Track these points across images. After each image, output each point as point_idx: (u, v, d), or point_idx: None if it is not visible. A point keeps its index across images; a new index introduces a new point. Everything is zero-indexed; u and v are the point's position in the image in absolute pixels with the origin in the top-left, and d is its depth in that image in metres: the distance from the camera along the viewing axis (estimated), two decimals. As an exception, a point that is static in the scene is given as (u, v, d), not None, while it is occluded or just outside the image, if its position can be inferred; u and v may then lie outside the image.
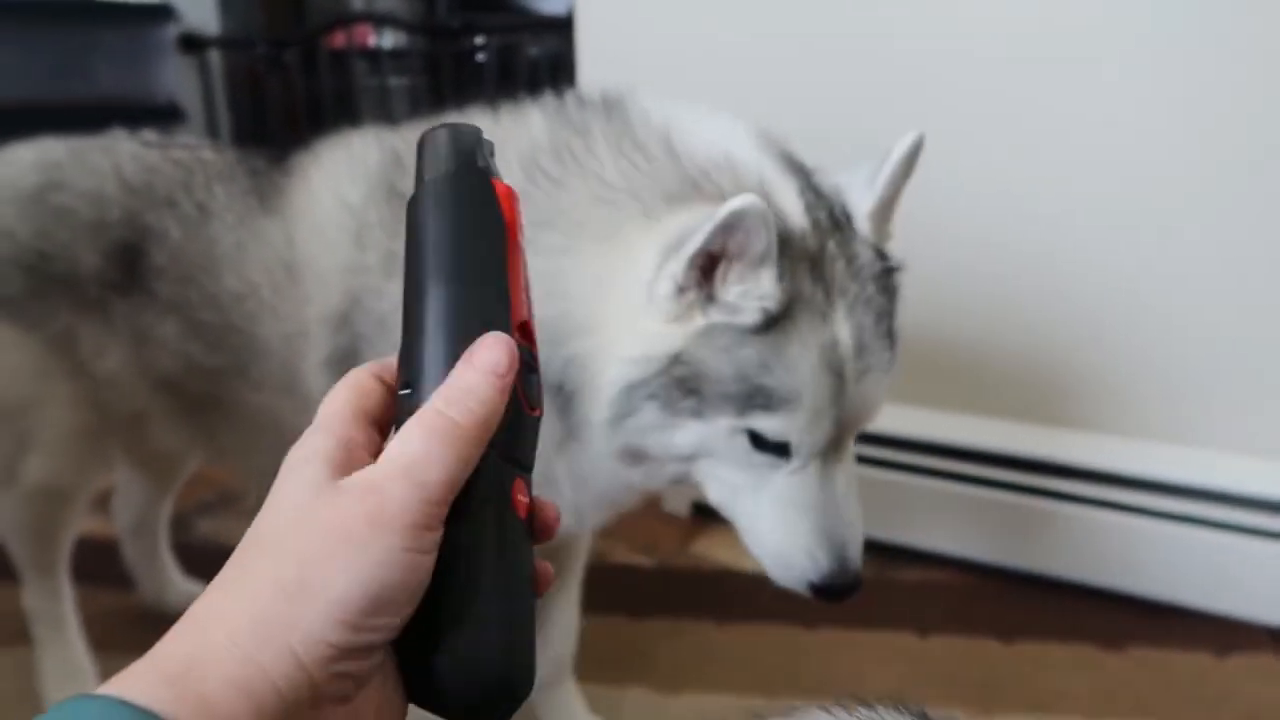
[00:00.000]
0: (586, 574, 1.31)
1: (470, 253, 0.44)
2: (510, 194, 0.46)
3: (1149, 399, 1.58)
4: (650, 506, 1.96)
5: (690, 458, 0.88)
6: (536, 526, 0.46)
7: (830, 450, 0.87)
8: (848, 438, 0.89)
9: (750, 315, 0.82)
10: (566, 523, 1.00)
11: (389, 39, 2.88)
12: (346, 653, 0.37)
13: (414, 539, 0.38)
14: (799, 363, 0.82)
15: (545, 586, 0.47)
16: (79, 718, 0.33)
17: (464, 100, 1.08)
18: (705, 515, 1.90)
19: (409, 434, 0.40)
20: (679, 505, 1.93)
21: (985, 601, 1.64)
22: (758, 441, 0.85)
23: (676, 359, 0.83)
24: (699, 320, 0.83)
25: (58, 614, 1.38)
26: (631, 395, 0.85)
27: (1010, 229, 1.61)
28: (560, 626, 1.28)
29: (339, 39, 2.94)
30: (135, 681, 0.35)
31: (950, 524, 1.73)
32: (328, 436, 0.41)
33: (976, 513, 1.70)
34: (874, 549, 1.76)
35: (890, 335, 0.89)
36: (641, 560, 1.80)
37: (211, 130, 2.85)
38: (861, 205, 0.90)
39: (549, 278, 0.88)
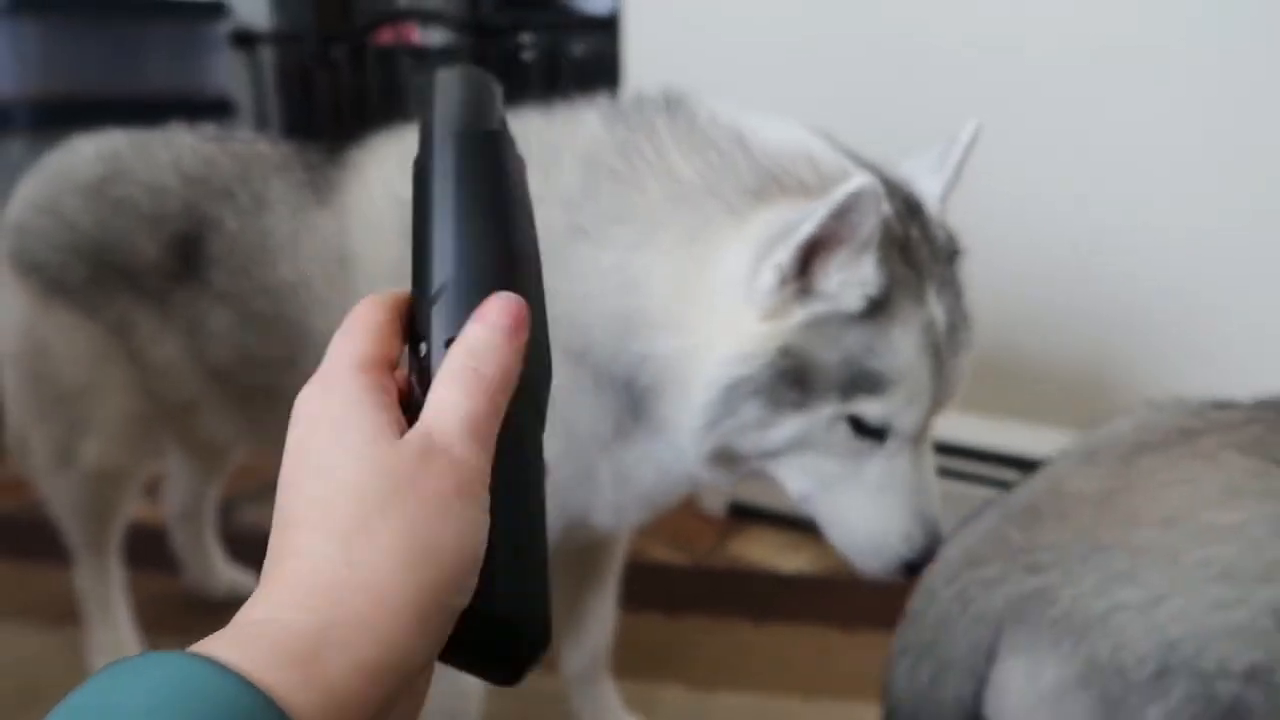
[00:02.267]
0: (623, 571, 1.32)
1: (482, 200, 0.44)
2: (520, 161, 0.47)
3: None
4: (686, 505, 1.96)
5: (782, 452, 0.88)
6: None
7: (922, 433, 0.89)
8: (935, 419, 0.91)
9: (854, 301, 0.82)
10: (606, 521, 1.02)
11: (436, 36, 2.91)
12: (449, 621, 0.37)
13: (486, 501, 0.38)
14: (902, 344, 0.84)
15: None
16: (184, 684, 0.30)
17: (511, 99, 1.09)
18: (741, 515, 1.90)
19: (453, 392, 0.40)
20: (715, 504, 1.94)
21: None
22: (859, 427, 0.85)
23: (784, 352, 0.84)
24: (798, 313, 0.84)
25: (107, 594, 1.41)
26: (733, 394, 0.85)
27: (1072, 235, 1.60)
28: (597, 623, 1.29)
29: (387, 36, 2.97)
30: (248, 649, 0.31)
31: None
32: (364, 372, 0.42)
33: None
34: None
35: (969, 314, 0.91)
36: (678, 559, 1.81)
37: (261, 125, 2.89)
38: (931, 190, 0.92)
39: (619, 271, 0.89)
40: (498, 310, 0.42)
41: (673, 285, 0.88)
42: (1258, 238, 1.47)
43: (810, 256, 0.82)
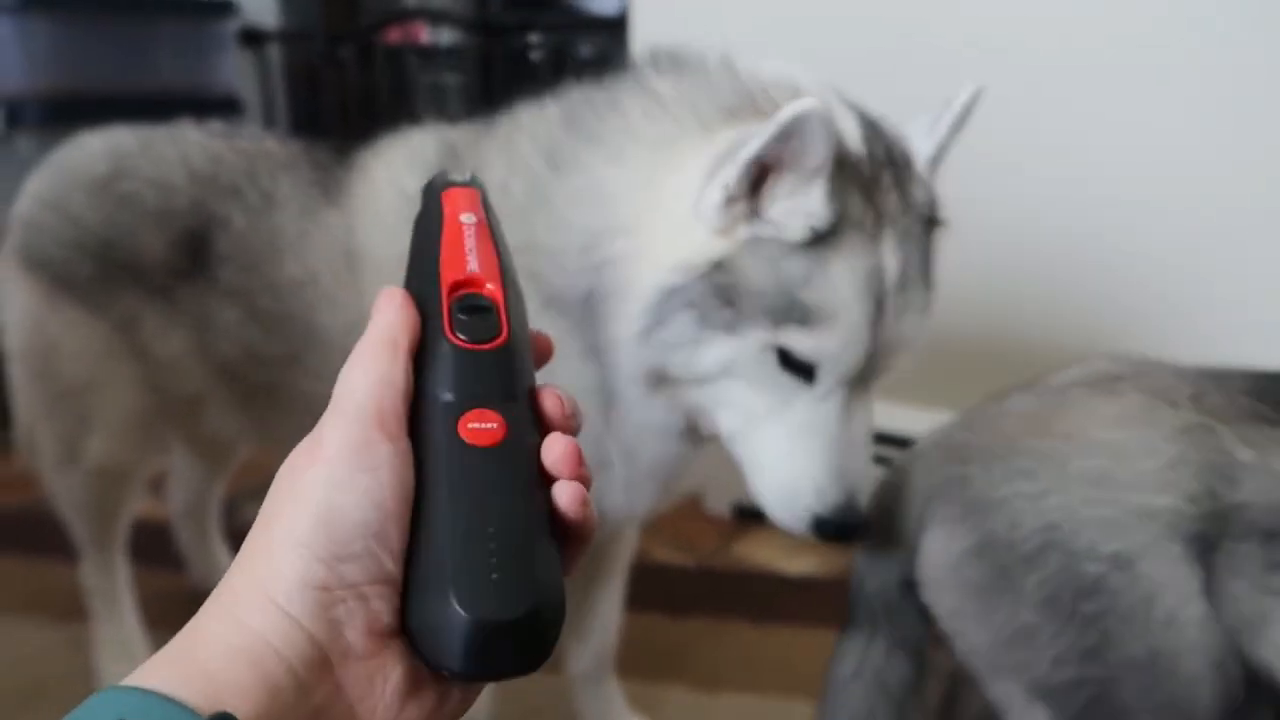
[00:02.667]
0: (627, 572, 1.32)
1: (415, 244, 0.50)
2: (456, 193, 0.51)
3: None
4: (691, 506, 1.97)
5: (711, 379, 0.87)
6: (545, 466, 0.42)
7: (856, 387, 0.86)
8: (873, 378, 0.88)
9: (797, 229, 0.81)
10: (619, 503, 1.02)
11: (444, 36, 2.91)
12: (332, 595, 0.36)
13: (357, 459, 0.38)
14: (841, 281, 0.82)
15: (572, 545, 0.41)
16: (103, 709, 0.33)
17: (516, 98, 1.09)
18: (746, 516, 1.90)
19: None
20: (720, 506, 1.94)
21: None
22: (786, 361, 0.84)
23: (719, 266, 0.83)
24: (743, 233, 0.83)
25: (113, 590, 1.41)
26: (668, 302, 0.84)
27: (1057, 226, 1.59)
28: (602, 623, 1.29)
29: (395, 35, 2.97)
30: (152, 669, 0.35)
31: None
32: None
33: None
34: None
35: (930, 279, 0.89)
36: (682, 560, 1.81)
37: (268, 123, 2.89)
38: (921, 149, 0.91)
39: (591, 189, 0.89)
40: (381, 293, 0.45)
41: (639, 190, 0.88)
42: (1255, 226, 1.47)
43: (761, 178, 0.82)
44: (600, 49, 2.68)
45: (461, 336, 0.43)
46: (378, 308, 0.44)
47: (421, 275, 0.46)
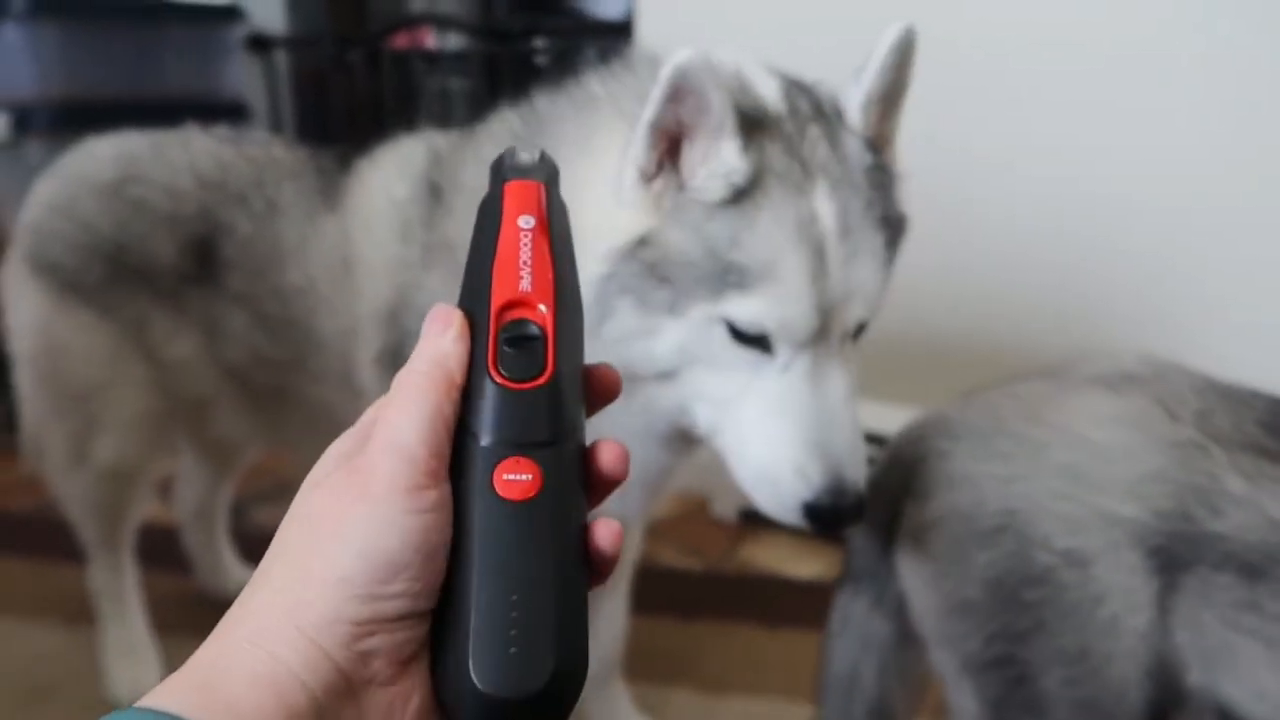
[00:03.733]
0: (635, 575, 1.32)
1: (472, 248, 0.46)
2: (517, 187, 0.48)
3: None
4: (698, 510, 1.97)
5: (675, 372, 0.84)
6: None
7: (821, 350, 0.82)
8: (836, 337, 0.83)
9: (716, 190, 0.79)
10: (611, 508, 1.01)
11: (451, 41, 2.92)
12: (365, 628, 0.36)
13: (406, 501, 0.37)
14: (771, 233, 0.79)
15: (602, 576, 0.42)
16: None
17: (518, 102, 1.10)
18: (752, 520, 1.90)
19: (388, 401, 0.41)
20: (726, 510, 1.94)
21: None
22: (738, 334, 0.80)
23: (642, 242, 0.81)
24: (667, 207, 0.81)
25: (120, 592, 1.41)
26: (604, 294, 0.82)
27: (1057, 229, 1.59)
28: (609, 626, 1.29)
29: (401, 40, 2.98)
30: (168, 692, 0.34)
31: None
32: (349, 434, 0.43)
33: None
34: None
35: (883, 225, 0.84)
36: (689, 563, 1.80)
37: (275, 128, 2.90)
38: (852, 99, 0.86)
39: None
40: (430, 316, 0.43)
41: (572, 195, 0.88)
42: (1249, 225, 1.47)
43: (677, 147, 0.80)
44: (606, 54, 2.68)
45: (504, 373, 0.41)
46: (429, 331, 0.42)
47: (473, 293, 0.44)
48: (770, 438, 0.81)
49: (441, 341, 0.41)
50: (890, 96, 0.88)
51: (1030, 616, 0.78)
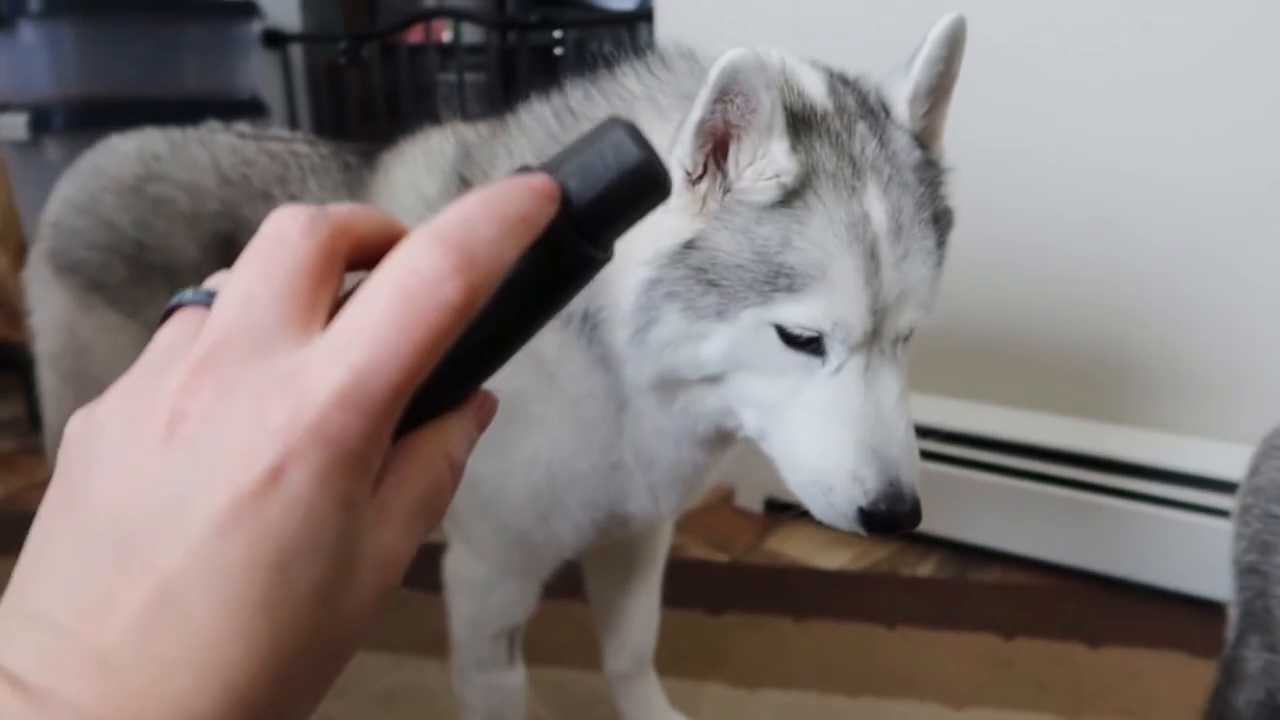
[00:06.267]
0: (664, 570, 1.31)
1: None
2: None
3: (1246, 403, 1.53)
4: (724, 503, 1.95)
5: (722, 377, 0.82)
6: None
7: (874, 352, 0.80)
8: (892, 337, 0.81)
9: (766, 191, 0.77)
10: (645, 508, 1.01)
11: (467, 33, 2.90)
12: None
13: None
14: (823, 235, 0.76)
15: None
16: None
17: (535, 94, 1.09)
18: (778, 512, 1.88)
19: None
20: (752, 501, 1.92)
21: (1071, 605, 1.60)
22: (788, 339, 0.78)
23: (690, 245, 0.78)
24: (714, 209, 0.79)
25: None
26: (650, 299, 0.80)
27: (1100, 225, 1.57)
28: (641, 620, 1.28)
29: (416, 34, 2.97)
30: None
31: (1031, 525, 1.69)
32: None
33: (1057, 514, 1.66)
34: (951, 548, 1.73)
35: (934, 225, 0.82)
36: (716, 556, 1.79)
37: (291, 124, 2.90)
38: (898, 94, 0.84)
39: None
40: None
41: None
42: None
43: (723, 148, 0.78)
44: (624, 44, 2.66)
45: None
46: None
47: None
48: (823, 443, 0.79)
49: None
50: (939, 90, 0.85)
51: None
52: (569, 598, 1.24)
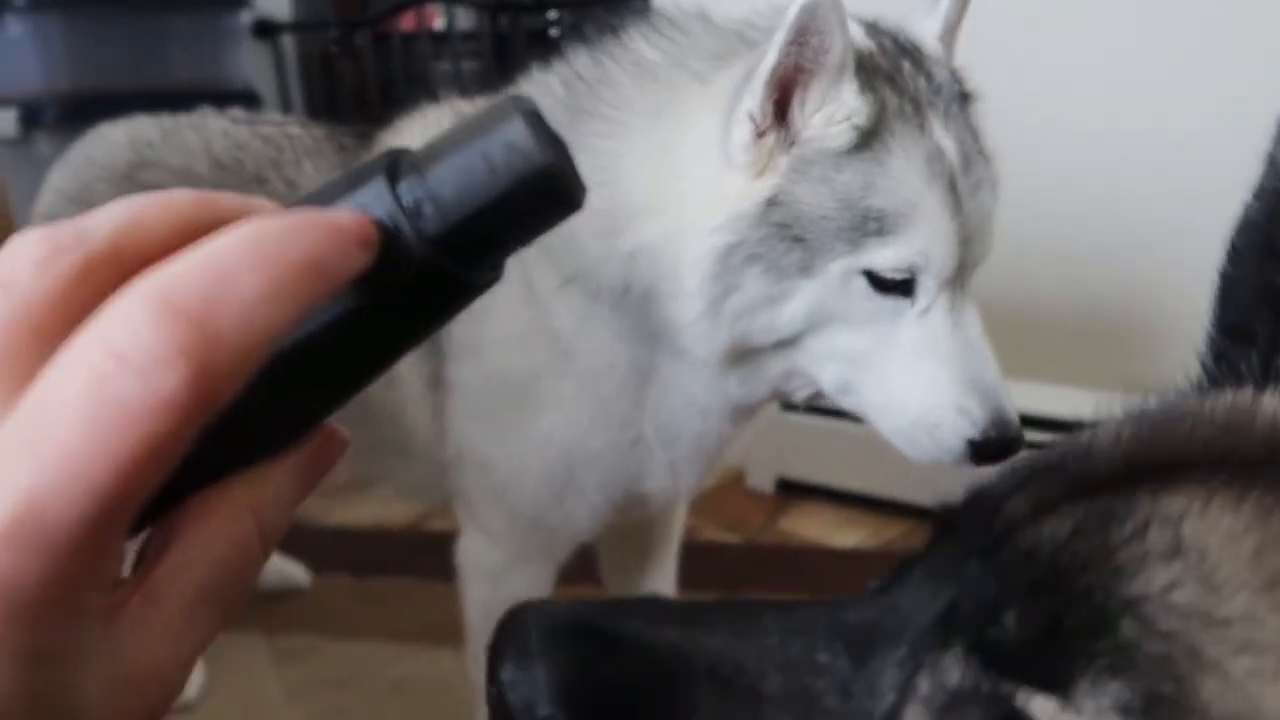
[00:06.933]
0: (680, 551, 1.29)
1: None
2: None
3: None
4: (735, 483, 1.93)
5: (804, 336, 0.81)
6: None
7: (955, 290, 0.80)
8: (968, 275, 0.82)
9: (841, 136, 0.76)
10: (663, 484, 0.98)
11: (460, 19, 2.87)
12: None
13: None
14: (906, 173, 0.76)
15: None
16: None
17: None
18: (790, 491, 1.86)
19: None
20: (763, 481, 1.90)
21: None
22: (878, 284, 0.77)
23: (771, 203, 0.77)
24: (784, 162, 0.77)
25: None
26: (728, 266, 0.78)
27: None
28: (657, 603, 1.26)
29: (408, 21, 2.94)
30: None
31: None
32: None
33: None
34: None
35: (986, 153, 0.82)
36: (729, 537, 1.77)
37: (284, 114, 2.87)
38: (928, 29, 0.84)
39: (588, 168, 0.85)
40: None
41: (648, 166, 0.83)
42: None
43: (784, 99, 0.76)
44: (621, 25, 2.63)
45: None
46: None
47: None
48: (924, 382, 0.79)
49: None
50: (958, 23, 0.86)
51: None
52: (584, 583, 1.22)
